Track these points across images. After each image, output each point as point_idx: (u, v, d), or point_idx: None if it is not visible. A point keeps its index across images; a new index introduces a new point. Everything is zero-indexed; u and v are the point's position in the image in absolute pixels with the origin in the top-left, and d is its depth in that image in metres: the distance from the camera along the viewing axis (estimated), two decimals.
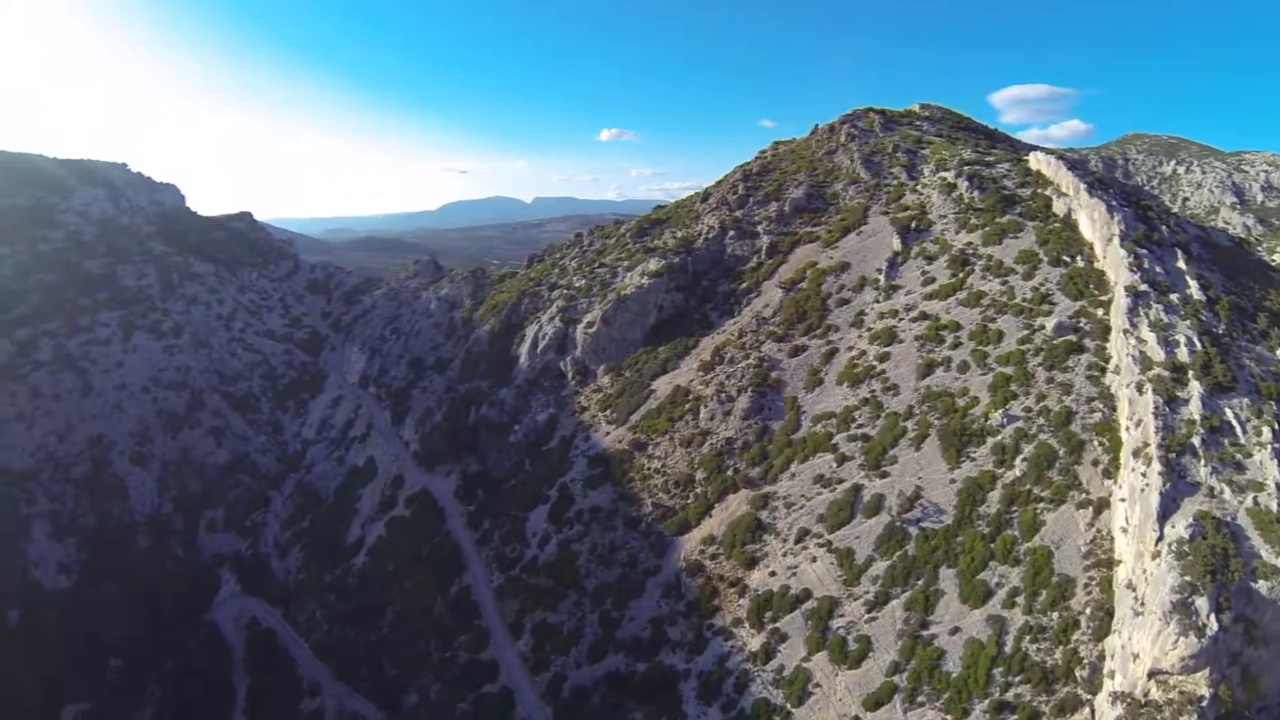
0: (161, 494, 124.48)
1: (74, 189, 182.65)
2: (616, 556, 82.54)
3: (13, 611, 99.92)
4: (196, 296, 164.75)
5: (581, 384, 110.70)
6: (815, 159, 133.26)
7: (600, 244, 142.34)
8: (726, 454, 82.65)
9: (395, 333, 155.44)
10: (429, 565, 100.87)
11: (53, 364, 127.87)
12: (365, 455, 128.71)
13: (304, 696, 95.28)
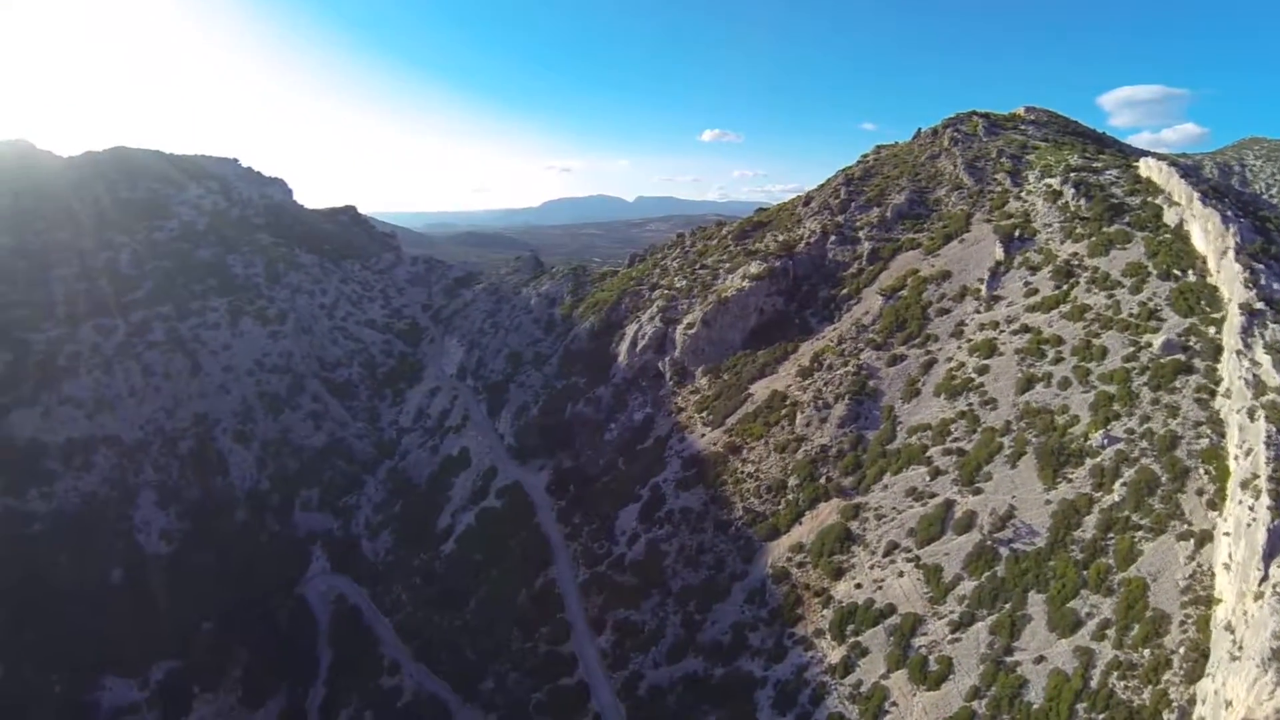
0: (260, 471, 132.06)
1: (187, 183, 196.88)
2: (704, 559, 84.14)
3: (116, 570, 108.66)
4: (301, 285, 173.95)
5: (679, 385, 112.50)
6: (917, 164, 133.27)
7: (702, 245, 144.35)
8: (820, 461, 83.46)
9: (495, 327, 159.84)
10: (516, 556, 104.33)
11: (165, 345, 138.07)
12: (460, 445, 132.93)
13: (383, 673, 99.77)
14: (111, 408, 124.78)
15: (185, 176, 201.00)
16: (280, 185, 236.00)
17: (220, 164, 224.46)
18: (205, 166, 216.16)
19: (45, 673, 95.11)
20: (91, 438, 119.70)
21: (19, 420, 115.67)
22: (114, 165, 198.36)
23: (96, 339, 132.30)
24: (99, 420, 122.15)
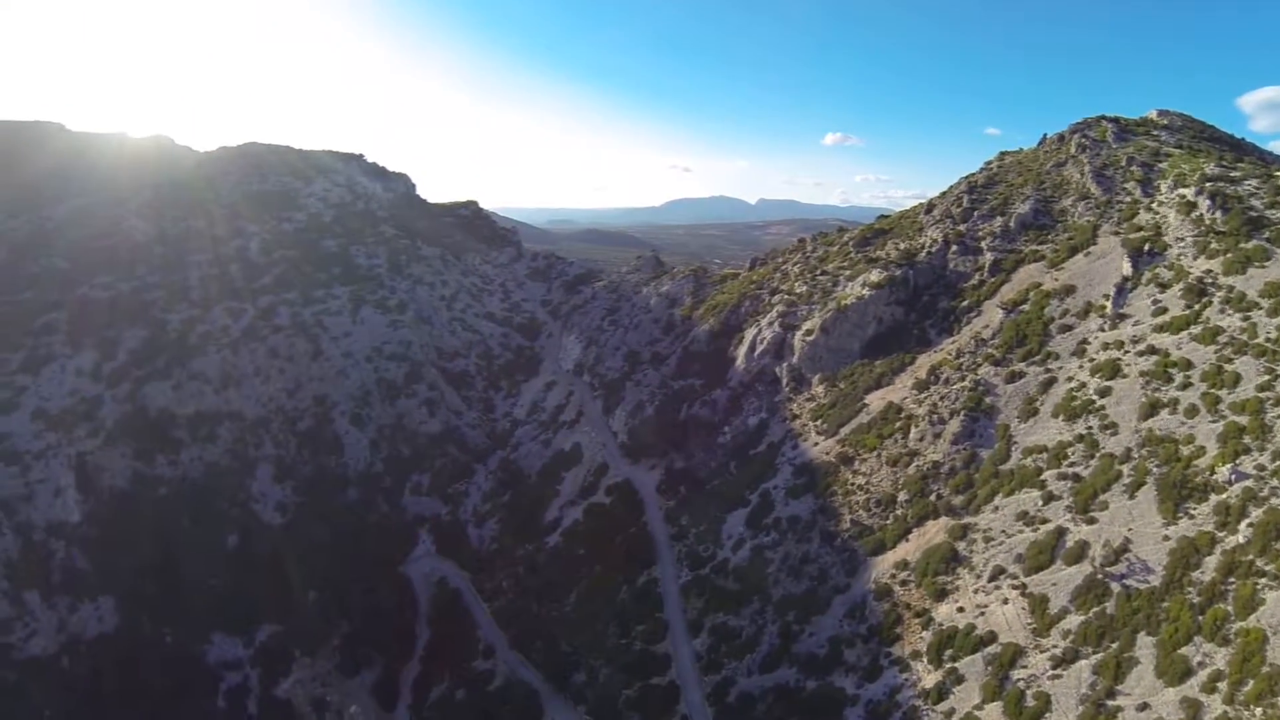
0: (374, 454, 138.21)
1: (315, 177, 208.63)
2: (807, 569, 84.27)
3: (232, 536, 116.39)
4: (422, 277, 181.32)
5: (795, 391, 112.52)
6: (1043, 171, 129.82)
7: (823, 251, 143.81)
8: (932, 478, 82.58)
9: (613, 324, 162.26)
10: (621, 553, 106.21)
11: (289, 329, 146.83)
12: (572, 440, 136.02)
13: (478, 656, 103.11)
14: (237, 385, 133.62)
15: (313, 171, 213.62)
16: (404, 180, 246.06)
17: (346, 159, 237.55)
18: (332, 162, 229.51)
19: (159, 625, 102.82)
20: (217, 412, 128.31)
21: (152, 392, 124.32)
22: (246, 160, 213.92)
23: (226, 321, 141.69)
24: (224, 396, 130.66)
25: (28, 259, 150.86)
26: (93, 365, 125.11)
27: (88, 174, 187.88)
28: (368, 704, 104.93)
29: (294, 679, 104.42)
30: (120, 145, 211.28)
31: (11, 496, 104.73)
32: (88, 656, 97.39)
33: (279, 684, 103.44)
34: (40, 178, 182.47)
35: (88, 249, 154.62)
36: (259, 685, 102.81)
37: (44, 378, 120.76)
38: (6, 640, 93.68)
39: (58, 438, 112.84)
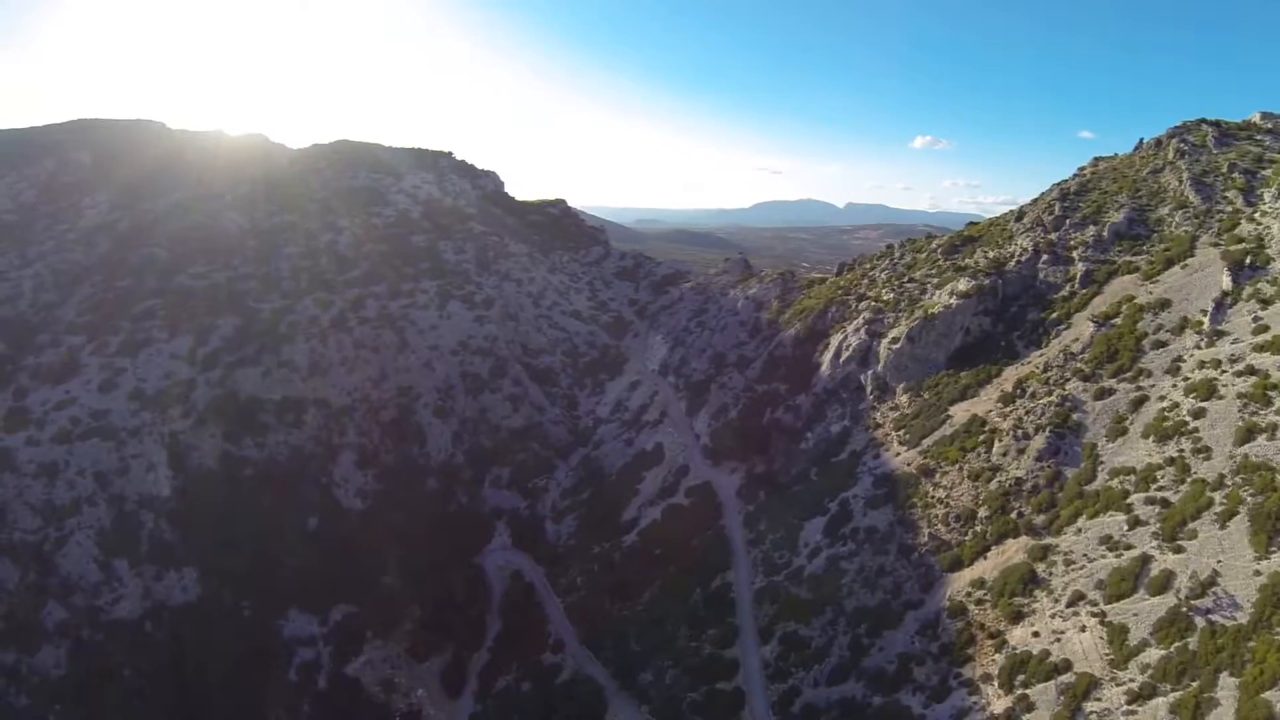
0: (455, 445, 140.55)
1: (405, 173, 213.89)
2: (882, 582, 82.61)
3: (313, 518, 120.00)
4: (509, 274, 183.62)
5: (879, 400, 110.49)
6: (1138, 178, 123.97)
7: (911, 258, 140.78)
8: (1014, 495, 79.96)
9: (700, 326, 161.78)
10: (696, 556, 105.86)
11: (376, 321, 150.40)
12: (654, 440, 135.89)
13: (546, 650, 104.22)
14: (323, 373, 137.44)
15: (403, 167, 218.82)
16: (493, 178, 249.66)
17: (436, 156, 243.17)
18: (421, 159, 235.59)
19: (238, 598, 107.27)
20: (303, 399, 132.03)
21: (242, 378, 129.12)
22: (337, 156, 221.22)
23: (315, 311, 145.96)
24: (311, 384, 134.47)
25: (129, 249, 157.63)
26: (187, 350, 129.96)
27: (186, 170, 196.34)
28: (435, 689, 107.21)
29: (364, 659, 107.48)
30: (217, 142, 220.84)
31: (107, 470, 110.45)
32: (169, 623, 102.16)
33: (350, 663, 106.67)
34: (142, 173, 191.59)
35: (185, 240, 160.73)
36: (330, 663, 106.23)
37: (141, 360, 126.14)
38: (95, 603, 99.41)
39: (152, 417, 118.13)
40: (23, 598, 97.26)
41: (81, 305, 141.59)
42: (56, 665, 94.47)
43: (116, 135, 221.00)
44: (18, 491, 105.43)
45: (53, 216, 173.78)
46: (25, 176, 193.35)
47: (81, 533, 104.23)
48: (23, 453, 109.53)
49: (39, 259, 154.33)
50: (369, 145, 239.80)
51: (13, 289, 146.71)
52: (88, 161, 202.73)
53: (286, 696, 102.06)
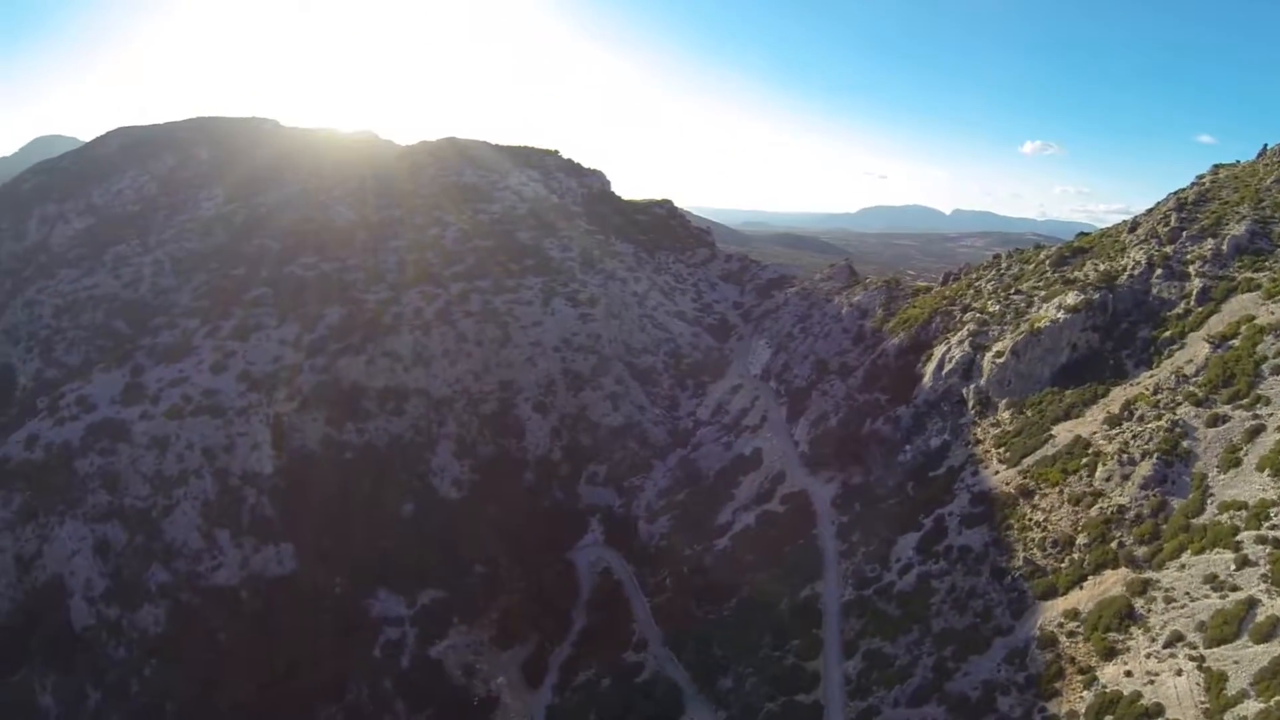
0: (554, 441, 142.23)
1: (511, 170, 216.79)
2: (972, 604, 79.83)
3: (408, 505, 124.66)
4: (614, 273, 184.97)
5: (981, 415, 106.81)
6: (1261, 188, 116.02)
7: (1018, 269, 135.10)
8: (1115, 523, 76.01)
9: (804, 332, 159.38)
10: (787, 564, 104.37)
11: (479, 315, 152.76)
12: (753, 446, 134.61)
13: (629, 648, 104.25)
14: (426, 364, 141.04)
15: (510, 165, 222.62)
16: (599, 176, 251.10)
17: (542, 155, 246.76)
18: (528, 157, 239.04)
19: (331, 575, 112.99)
20: (405, 388, 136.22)
21: (346, 365, 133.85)
22: (445, 153, 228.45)
23: (419, 304, 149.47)
24: (413, 374, 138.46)
25: (243, 240, 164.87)
26: (295, 336, 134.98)
27: (298, 165, 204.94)
28: (515, 678, 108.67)
29: (448, 643, 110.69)
30: (328, 139, 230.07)
31: (214, 446, 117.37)
32: (264, 593, 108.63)
33: (434, 645, 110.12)
34: (257, 168, 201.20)
35: (296, 232, 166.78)
36: (414, 644, 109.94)
37: (251, 344, 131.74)
38: (195, 568, 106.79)
39: (259, 398, 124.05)
40: (129, 559, 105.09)
41: (197, 291, 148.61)
42: (156, 623, 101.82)
43: (233, 132, 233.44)
44: (131, 461, 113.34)
45: (172, 208, 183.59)
46: (148, 170, 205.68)
47: (187, 502, 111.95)
48: (137, 426, 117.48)
49: (159, 247, 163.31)
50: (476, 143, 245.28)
51: (134, 274, 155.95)
52: (206, 157, 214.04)
53: (369, 672, 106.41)
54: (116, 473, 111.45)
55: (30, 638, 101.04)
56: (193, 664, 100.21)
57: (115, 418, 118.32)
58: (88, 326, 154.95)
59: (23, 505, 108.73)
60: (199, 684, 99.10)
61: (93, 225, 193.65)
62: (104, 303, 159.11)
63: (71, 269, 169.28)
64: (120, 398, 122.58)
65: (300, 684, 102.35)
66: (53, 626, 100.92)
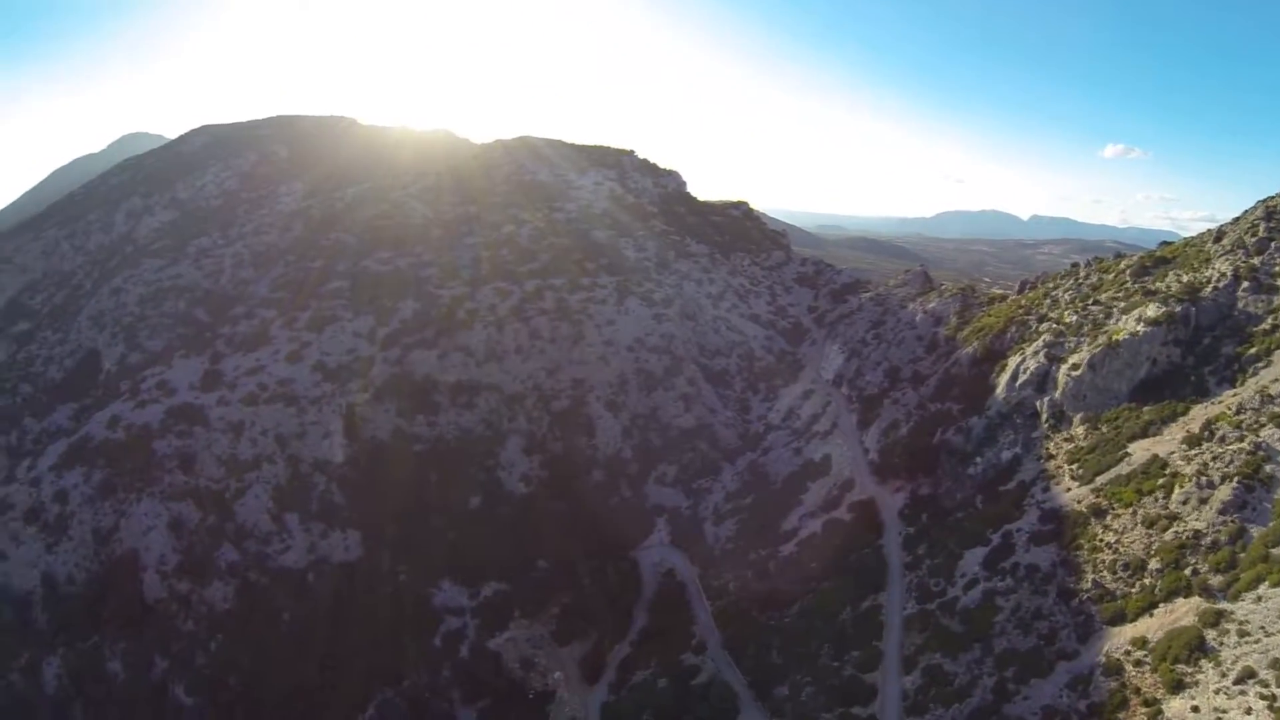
0: (624, 440, 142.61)
1: (587, 169, 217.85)
2: (1037, 625, 77.76)
3: (475, 498, 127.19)
4: (689, 274, 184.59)
5: (1054, 429, 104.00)
6: None
7: (1097, 278, 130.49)
8: (1190, 548, 73.20)
9: (877, 338, 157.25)
10: (851, 573, 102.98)
11: (553, 313, 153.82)
12: (823, 452, 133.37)
13: (688, 650, 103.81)
14: (498, 360, 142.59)
15: (585, 164, 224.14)
16: (675, 177, 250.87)
17: (618, 154, 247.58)
18: (603, 156, 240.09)
19: (396, 563, 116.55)
20: (477, 383, 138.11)
21: (418, 359, 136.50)
22: (521, 152, 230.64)
23: (493, 300, 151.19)
24: (485, 369, 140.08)
25: (320, 234, 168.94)
26: (369, 329, 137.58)
27: (375, 162, 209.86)
28: (573, 673, 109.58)
29: (508, 636, 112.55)
30: (404, 137, 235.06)
31: (287, 433, 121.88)
32: (330, 577, 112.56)
33: (493, 637, 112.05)
34: (334, 165, 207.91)
35: (372, 227, 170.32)
36: (475, 634, 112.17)
37: (326, 336, 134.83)
38: (264, 550, 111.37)
39: (332, 388, 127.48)
40: (201, 537, 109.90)
41: (275, 283, 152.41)
42: (224, 599, 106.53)
43: (311, 130, 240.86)
44: (207, 444, 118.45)
45: (252, 203, 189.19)
46: (230, 167, 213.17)
47: (259, 486, 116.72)
48: (214, 411, 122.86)
49: (239, 240, 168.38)
50: (551, 141, 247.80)
51: (215, 265, 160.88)
52: (285, 154, 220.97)
53: (428, 660, 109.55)
54: (192, 454, 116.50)
55: (103, 607, 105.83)
56: (257, 641, 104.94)
57: (193, 402, 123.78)
58: (170, 314, 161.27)
59: (103, 482, 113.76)
60: (262, 660, 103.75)
61: (176, 218, 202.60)
62: (186, 292, 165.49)
63: (156, 259, 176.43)
64: (199, 383, 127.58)
65: (359, 667, 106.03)
66: (125, 597, 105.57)
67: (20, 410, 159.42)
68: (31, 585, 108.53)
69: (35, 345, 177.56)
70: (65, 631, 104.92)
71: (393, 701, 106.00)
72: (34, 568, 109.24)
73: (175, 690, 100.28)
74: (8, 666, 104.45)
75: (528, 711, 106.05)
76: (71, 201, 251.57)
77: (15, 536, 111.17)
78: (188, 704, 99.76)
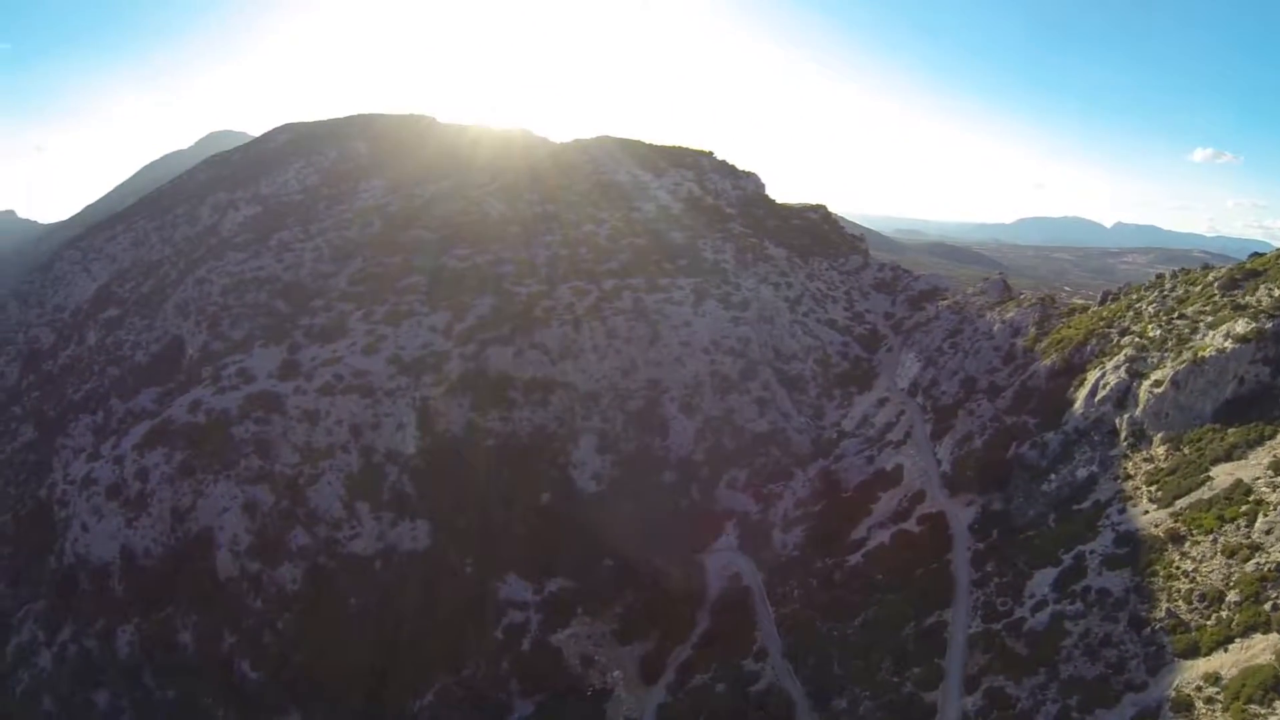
0: (697, 443, 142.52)
1: (666, 170, 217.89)
2: (1105, 653, 75.27)
3: (545, 494, 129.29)
4: (767, 277, 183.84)
5: (1133, 448, 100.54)
6: None
7: (1183, 290, 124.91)
8: (1272, 582, 69.92)
9: (954, 347, 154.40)
10: (917, 587, 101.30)
11: (630, 313, 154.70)
12: (895, 461, 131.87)
13: (749, 657, 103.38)
14: (574, 358, 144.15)
15: (664, 164, 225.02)
16: (753, 179, 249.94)
17: (696, 155, 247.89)
18: (681, 157, 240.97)
19: (463, 555, 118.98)
20: (551, 380, 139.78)
21: (494, 355, 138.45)
22: (599, 151, 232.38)
23: (570, 299, 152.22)
24: (561, 367, 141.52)
25: (398, 230, 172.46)
26: (445, 324, 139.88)
27: (453, 160, 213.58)
28: (632, 673, 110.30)
29: (570, 632, 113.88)
30: (482, 135, 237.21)
31: (361, 423, 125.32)
32: (397, 565, 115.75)
33: (555, 633, 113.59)
34: (413, 162, 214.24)
35: (450, 224, 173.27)
36: (537, 629, 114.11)
37: (402, 330, 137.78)
38: (335, 535, 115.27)
39: (407, 381, 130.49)
40: (274, 520, 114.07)
41: (353, 276, 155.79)
42: (293, 581, 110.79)
43: (391, 128, 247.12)
44: (283, 431, 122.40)
45: (332, 198, 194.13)
46: (311, 163, 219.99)
47: (332, 474, 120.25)
48: (291, 399, 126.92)
49: (319, 234, 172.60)
50: (629, 141, 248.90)
51: (295, 259, 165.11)
52: (365, 151, 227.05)
53: (489, 651, 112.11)
54: (269, 441, 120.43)
55: (177, 581, 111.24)
56: (323, 622, 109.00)
57: (272, 390, 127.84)
58: (251, 305, 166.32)
59: (182, 463, 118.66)
60: (326, 640, 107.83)
61: (259, 213, 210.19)
62: (267, 284, 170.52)
63: (238, 252, 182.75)
64: (277, 372, 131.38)
65: (420, 654, 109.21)
66: (199, 573, 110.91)
67: (107, 391, 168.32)
68: (111, 556, 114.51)
69: (123, 331, 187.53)
70: (140, 602, 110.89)
71: (451, 689, 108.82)
72: (114, 540, 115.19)
73: (241, 664, 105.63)
74: (84, 631, 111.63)
75: (584, 708, 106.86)
76: (160, 196, 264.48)
77: (98, 510, 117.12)
78: (252, 678, 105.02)
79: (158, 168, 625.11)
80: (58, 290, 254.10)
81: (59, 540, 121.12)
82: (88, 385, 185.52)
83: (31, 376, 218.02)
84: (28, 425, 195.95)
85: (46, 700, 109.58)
